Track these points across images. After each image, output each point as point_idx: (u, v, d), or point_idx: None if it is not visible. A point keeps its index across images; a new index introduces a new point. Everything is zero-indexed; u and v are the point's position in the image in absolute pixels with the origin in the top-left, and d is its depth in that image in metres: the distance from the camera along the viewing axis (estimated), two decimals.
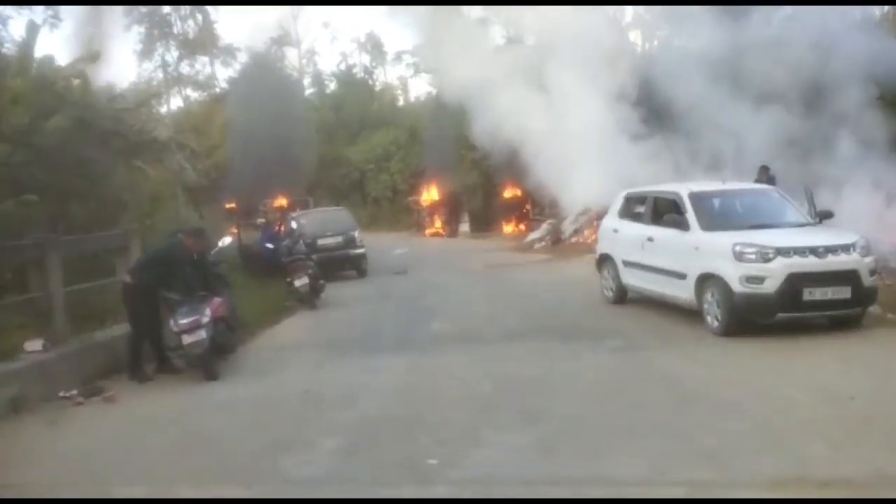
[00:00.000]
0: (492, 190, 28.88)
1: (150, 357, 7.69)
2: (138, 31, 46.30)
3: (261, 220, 26.38)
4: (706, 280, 7.95)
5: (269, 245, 13.93)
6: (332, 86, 46.92)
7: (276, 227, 16.98)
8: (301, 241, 13.15)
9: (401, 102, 47.45)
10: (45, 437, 5.75)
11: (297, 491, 4.43)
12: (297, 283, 11.99)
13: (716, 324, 7.78)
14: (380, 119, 40.28)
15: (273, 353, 8.51)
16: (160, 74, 47.78)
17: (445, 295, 12.43)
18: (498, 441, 5.00)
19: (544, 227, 19.94)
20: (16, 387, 6.38)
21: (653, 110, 19.22)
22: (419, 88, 59.16)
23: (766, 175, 12.41)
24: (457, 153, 29.87)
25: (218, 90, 45.54)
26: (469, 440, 5.05)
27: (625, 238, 9.79)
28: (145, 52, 47.27)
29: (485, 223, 27.57)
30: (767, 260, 7.41)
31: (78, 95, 13.92)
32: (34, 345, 7.12)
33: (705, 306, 7.97)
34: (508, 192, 26.58)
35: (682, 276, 8.33)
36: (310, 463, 4.85)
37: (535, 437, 5.06)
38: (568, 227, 18.45)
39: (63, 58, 15.57)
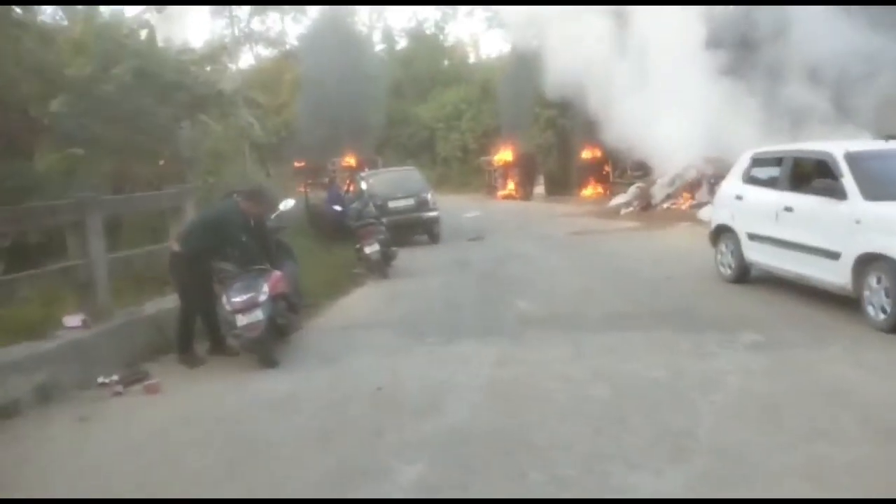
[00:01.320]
0: (568, 150, 27.10)
1: (203, 335, 6.66)
2: None
3: (325, 180, 25.53)
4: (870, 262, 6.31)
5: (337, 207, 12.79)
6: (402, 42, 45.39)
7: (345, 187, 15.86)
8: (371, 204, 11.97)
9: (472, 59, 45.57)
10: (66, 442, 4.73)
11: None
12: (368, 249, 10.83)
13: (881, 316, 6.15)
14: (451, 76, 38.73)
15: (340, 334, 7.34)
16: (232, 31, 47.29)
17: (529, 265, 11.05)
18: (636, 484, 3.67)
19: (632, 190, 18.18)
20: (46, 372, 5.40)
21: (748, 58, 17.09)
22: (492, 45, 57.09)
23: None
24: (531, 111, 28.15)
25: (288, 47, 44.73)
26: (596, 479, 3.73)
27: (752, 207, 8.15)
28: (217, 9, 46.84)
29: (561, 186, 25.91)
30: None
31: (143, 46, 13.02)
32: (73, 320, 6.17)
33: (866, 293, 6.34)
34: (587, 153, 24.80)
35: (833, 256, 6.70)
36: None
37: (688, 479, 3.69)
38: (659, 191, 16.66)
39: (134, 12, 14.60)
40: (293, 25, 46.77)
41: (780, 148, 8.25)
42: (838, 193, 6.70)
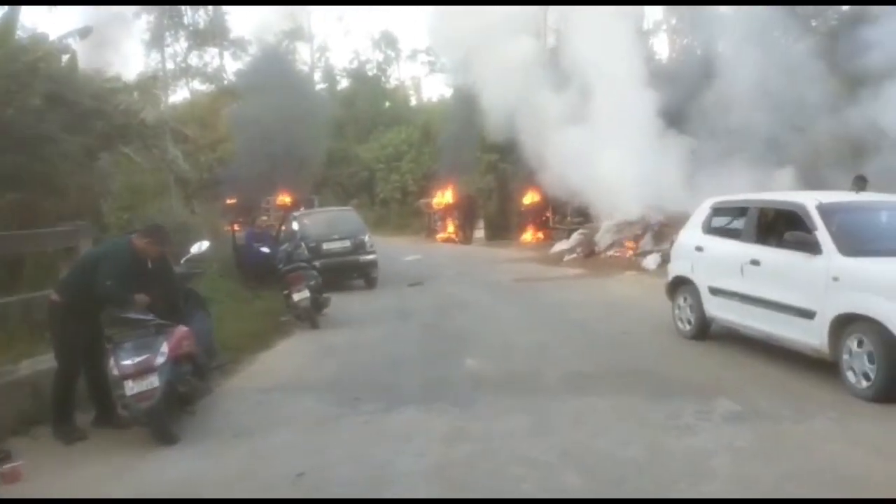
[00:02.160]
0: (509, 195, 26.72)
1: (88, 401, 5.48)
2: (147, 19, 44.31)
3: (263, 218, 24.22)
4: (849, 322, 5.73)
5: (265, 249, 11.64)
6: (343, 82, 44.79)
7: (272, 227, 14.71)
8: (303, 245, 10.95)
9: (414, 102, 45.32)
10: None
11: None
12: (297, 296, 9.77)
13: (864, 384, 5.54)
14: (392, 118, 38.19)
15: (259, 400, 6.24)
16: (168, 65, 45.67)
17: (475, 316, 10.20)
18: None
19: (575, 237, 17.70)
20: None
21: (686, 111, 17.13)
22: (433, 88, 57.24)
23: (860, 188, 10.09)
24: (473, 155, 27.74)
25: (226, 83, 43.43)
26: None
27: (713, 259, 7.56)
28: (153, 42, 45.20)
29: (501, 230, 25.38)
30: None
31: (60, 71, 11.84)
32: None
33: (845, 357, 5.74)
34: (528, 198, 24.41)
35: (807, 315, 6.10)
36: None
37: None
38: (602, 238, 16.20)
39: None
40: (231, 62, 45.58)
41: (744, 197, 7.73)
42: (812, 247, 6.14)
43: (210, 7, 43.81)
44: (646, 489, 4.05)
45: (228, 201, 30.91)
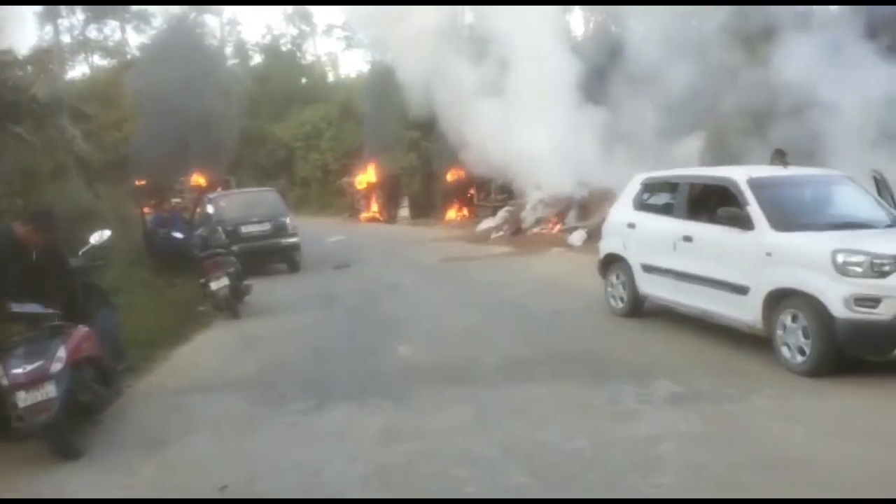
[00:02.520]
0: (432, 173, 26.38)
1: None
2: None
3: (176, 201, 22.96)
4: (782, 298, 5.73)
5: (178, 234, 10.85)
6: (256, 58, 43.02)
7: (186, 210, 13.81)
8: (220, 230, 10.27)
9: (331, 78, 44.08)
10: None
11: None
12: (215, 285, 9.15)
13: (799, 358, 5.55)
14: (309, 94, 36.98)
15: (174, 402, 5.69)
16: (65, 39, 42.56)
17: (404, 299, 9.86)
18: None
19: (501, 214, 17.57)
20: None
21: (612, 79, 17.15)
22: (351, 64, 55.92)
23: (781, 162, 10.27)
24: (394, 132, 27.20)
25: (129, 57, 40.88)
26: None
27: (645, 236, 7.48)
28: (47, 15, 41.96)
29: (426, 208, 25.04)
30: (884, 274, 5.22)
31: None
32: None
33: (779, 333, 5.74)
34: (451, 176, 24.15)
35: (741, 290, 6.08)
36: None
37: None
38: (528, 215, 16.12)
39: None
40: (134, 36, 42.96)
41: (674, 173, 7.66)
42: (744, 223, 6.11)
43: None
44: (596, 484, 3.85)
45: (138, 183, 29.25)
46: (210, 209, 11.13)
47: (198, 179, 29.59)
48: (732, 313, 6.24)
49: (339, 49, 50.77)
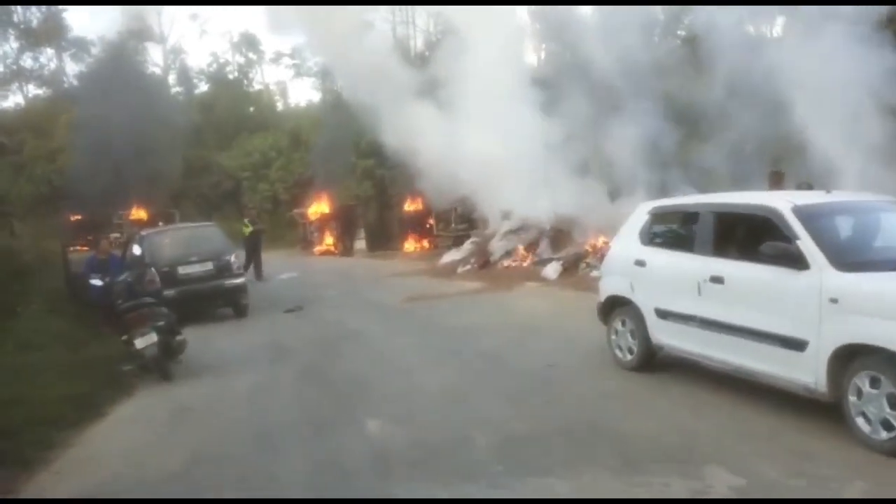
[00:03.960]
0: (388, 202, 25.00)
1: None
2: None
3: (114, 236, 20.87)
4: (856, 356, 4.51)
5: (96, 281, 9.08)
6: (202, 86, 41.11)
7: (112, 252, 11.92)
8: (151, 272, 8.61)
9: (280, 107, 42.42)
10: None
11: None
12: (140, 342, 7.50)
13: (883, 434, 4.32)
14: (257, 123, 35.23)
15: None
16: None
17: (368, 351, 8.37)
18: None
19: (467, 246, 16.23)
20: None
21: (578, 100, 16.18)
22: (300, 93, 54.28)
23: (778, 185, 9.27)
24: (347, 161, 25.77)
25: (66, 86, 38.50)
26: None
27: (659, 276, 6.22)
28: None
29: (382, 240, 23.57)
30: None
31: None
32: None
33: (852, 399, 4.51)
34: (409, 205, 22.81)
35: (795, 345, 4.83)
36: None
37: None
38: (496, 246, 14.83)
39: None
40: (72, 65, 40.61)
41: (694, 200, 6.42)
42: (795, 261, 4.89)
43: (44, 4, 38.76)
44: None
45: (73, 218, 27.04)
46: (137, 250, 9.33)
47: (138, 213, 27.54)
48: (783, 373, 4.99)
49: (288, 77, 48.98)
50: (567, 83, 16.21)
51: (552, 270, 12.84)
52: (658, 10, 19.52)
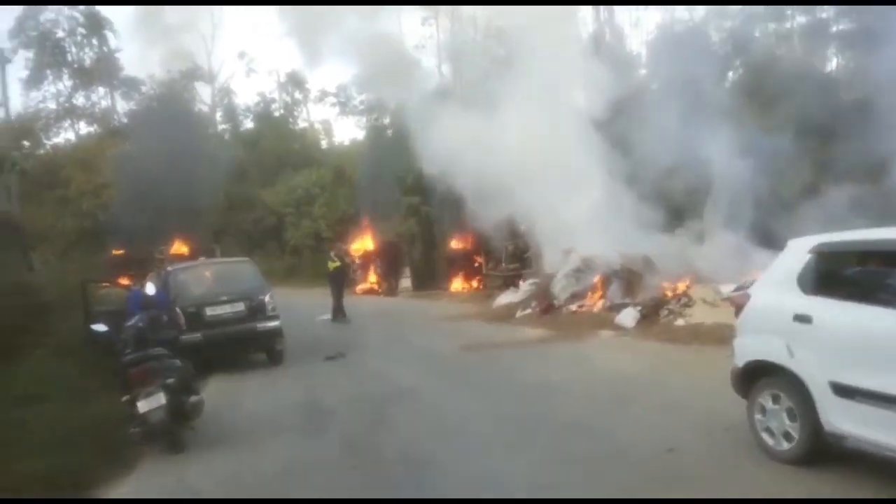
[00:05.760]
0: (433, 240, 23.49)
1: None
2: (25, 56, 38.92)
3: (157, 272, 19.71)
4: None
5: (100, 327, 7.56)
6: (247, 122, 40.70)
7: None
8: (164, 319, 7.11)
9: (324, 145, 41.68)
10: None
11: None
12: (144, 405, 5.95)
13: None
14: (301, 159, 34.35)
15: None
16: (51, 105, 40.05)
17: (425, 417, 6.66)
18: None
19: (526, 287, 14.49)
20: None
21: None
22: (345, 132, 53.66)
23: None
24: (392, 198, 24.44)
25: (116, 124, 38.43)
26: None
27: (838, 336, 4.42)
28: (32, 80, 39.64)
29: (428, 279, 21.99)
30: None
31: None
32: None
33: None
34: (457, 243, 21.24)
35: None
36: None
37: None
38: (560, 287, 13.06)
39: None
40: (123, 103, 40.66)
41: (883, 236, 4.62)
42: None
43: (96, 41, 39.01)
44: None
45: (115, 252, 26.30)
46: (150, 290, 7.83)
47: (180, 248, 26.64)
48: None
49: (333, 116, 48.38)
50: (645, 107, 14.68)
51: (629, 317, 11.00)
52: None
